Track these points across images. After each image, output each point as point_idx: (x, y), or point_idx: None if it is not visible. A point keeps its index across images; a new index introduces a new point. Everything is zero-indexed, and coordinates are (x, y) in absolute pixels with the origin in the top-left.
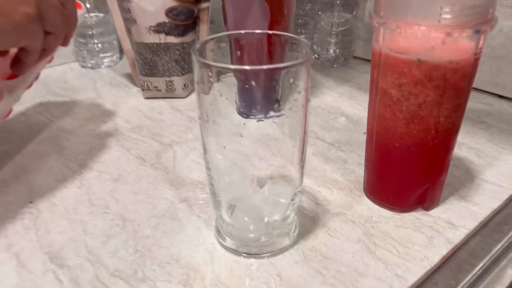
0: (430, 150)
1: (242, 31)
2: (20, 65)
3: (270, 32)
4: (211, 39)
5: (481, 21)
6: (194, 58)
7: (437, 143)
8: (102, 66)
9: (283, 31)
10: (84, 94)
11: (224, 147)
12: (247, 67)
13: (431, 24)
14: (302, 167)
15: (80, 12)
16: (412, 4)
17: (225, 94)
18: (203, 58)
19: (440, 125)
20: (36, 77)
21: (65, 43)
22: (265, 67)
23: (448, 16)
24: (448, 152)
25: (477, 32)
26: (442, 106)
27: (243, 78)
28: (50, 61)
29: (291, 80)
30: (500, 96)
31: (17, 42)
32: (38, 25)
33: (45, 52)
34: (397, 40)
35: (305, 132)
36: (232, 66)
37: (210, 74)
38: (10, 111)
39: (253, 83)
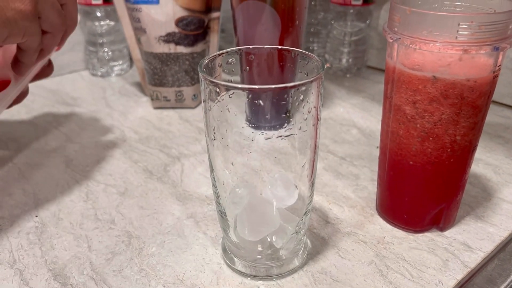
0: (445, 169)
1: (251, 46)
2: (18, 65)
3: (280, 47)
4: (219, 54)
5: (500, 38)
6: (201, 76)
7: (453, 162)
8: (112, 75)
9: (294, 41)
10: (94, 104)
11: (232, 163)
12: (255, 86)
13: (448, 41)
14: (312, 185)
15: None
16: (428, 20)
17: (233, 110)
18: (210, 76)
19: (456, 144)
20: (22, 96)
21: (60, 44)
22: (273, 86)
23: (465, 32)
24: (465, 171)
25: (496, 49)
26: (458, 125)
27: (252, 95)
28: (43, 75)
29: (301, 97)
30: None
31: (7, 38)
32: (33, 23)
33: (43, 53)
34: (412, 56)
35: (315, 152)
36: (239, 86)
37: (217, 91)
38: None
39: (262, 100)
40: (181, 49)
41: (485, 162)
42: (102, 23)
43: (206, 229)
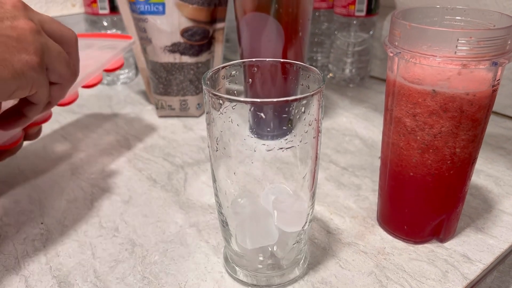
0: (445, 181)
1: (254, 59)
2: (18, 119)
3: (282, 60)
4: (223, 67)
5: (498, 53)
6: (204, 88)
7: (453, 174)
8: (118, 83)
9: (298, 52)
10: (100, 112)
11: (234, 173)
12: (257, 100)
13: (447, 56)
14: (313, 195)
15: (129, 42)
16: (427, 35)
17: (236, 120)
18: (213, 89)
19: (456, 156)
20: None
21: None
22: (274, 100)
23: (464, 48)
24: (465, 183)
25: (494, 64)
26: (458, 137)
27: (255, 107)
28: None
29: (303, 109)
30: None
31: (15, 91)
32: (41, 74)
33: (49, 105)
34: (412, 70)
35: (316, 163)
36: (241, 99)
37: (220, 103)
38: None
39: (264, 112)
40: (186, 59)
41: (486, 173)
42: (108, 32)
43: (208, 237)
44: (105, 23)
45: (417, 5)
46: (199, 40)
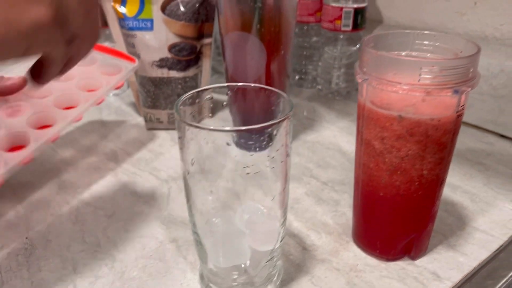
0: (414, 201)
1: (226, 84)
2: (40, 75)
3: (253, 85)
4: (197, 92)
5: (460, 81)
6: (176, 116)
7: (422, 194)
8: (110, 95)
9: (281, 69)
10: (89, 124)
11: (211, 191)
12: (227, 128)
13: (411, 83)
14: (284, 214)
15: (133, 65)
16: (393, 63)
17: (210, 143)
18: (183, 118)
19: (424, 178)
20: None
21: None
22: (236, 128)
23: (427, 76)
24: (434, 203)
25: (456, 92)
26: (425, 160)
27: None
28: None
29: (274, 133)
30: (502, 136)
31: (26, 50)
32: (56, 30)
33: (71, 62)
34: (379, 96)
35: (285, 185)
36: (210, 127)
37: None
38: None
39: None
40: (174, 73)
41: (463, 190)
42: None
43: (186, 253)
44: None
45: (404, 19)
46: (186, 55)
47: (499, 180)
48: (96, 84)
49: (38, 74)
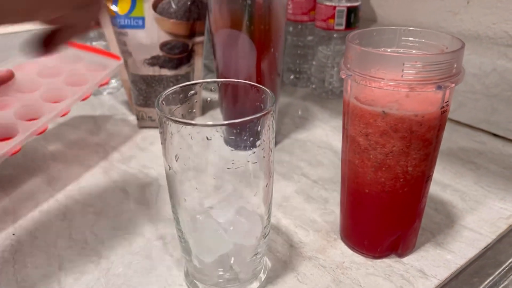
0: (400, 198)
1: (209, 80)
2: (48, 41)
3: (236, 81)
4: (181, 87)
5: (444, 77)
6: (157, 111)
7: (407, 191)
8: (104, 93)
9: (271, 67)
10: (82, 122)
11: (196, 188)
12: (202, 123)
13: (395, 79)
14: (268, 210)
15: (118, 62)
16: (376, 59)
17: (195, 138)
18: (164, 112)
19: (409, 174)
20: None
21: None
22: (219, 123)
23: (410, 71)
24: (420, 200)
25: (439, 88)
26: (409, 156)
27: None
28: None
29: (258, 128)
30: (494, 135)
31: (36, 12)
32: None
33: (75, 30)
34: (363, 92)
35: (269, 180)
36: (191, 122)
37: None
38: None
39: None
40: (165, 71)
41: (453, 188)
42: (94, 43)
43: (173, 250)
44: (91, 34)
45: (397, 18)
46: (178, 53)
47: (490, 179)
48: (83, 81)
49: (46, 41)
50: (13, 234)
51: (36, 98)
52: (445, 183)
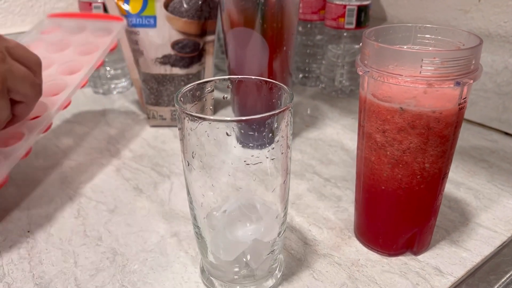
0: (416, 195)
1: (227, 77)
2: None
3: (254, 78)
4: (198, 84)
5: (462, 73)
6: (176, 107)
7: (424, 188)
8: (114, 92)
9: (283, 65)
10: (93, 121)
11: (212, 185)
12: (219, 118)
13: (413, 75)
14: (285, 207)
15: (121, 24)
16: (394, 55)
17: (211, 134)
18: (185, 108)
19: (426, 171)
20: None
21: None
22: (237, 118)
23: (429, 67)
24: (436, 197)
25: (458, 84)
26: (426, 153)
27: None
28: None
29: (275, 125)
30: (506, 134)
31: None
32: (1, 100)
33: (15, 119)
34: (380, 88)
35: (286, 177)
36: (210, 117)
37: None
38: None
39: (239, 127)
40: (177, 70)
41: (466, 186)
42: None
43: (188, 247)
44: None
45: (407, 16)
46: (189, 52)
47: (503, 177)
48: (94, 48)
49: None
50: (28, 231)
51: (53, 74)
52: (458, 181)
